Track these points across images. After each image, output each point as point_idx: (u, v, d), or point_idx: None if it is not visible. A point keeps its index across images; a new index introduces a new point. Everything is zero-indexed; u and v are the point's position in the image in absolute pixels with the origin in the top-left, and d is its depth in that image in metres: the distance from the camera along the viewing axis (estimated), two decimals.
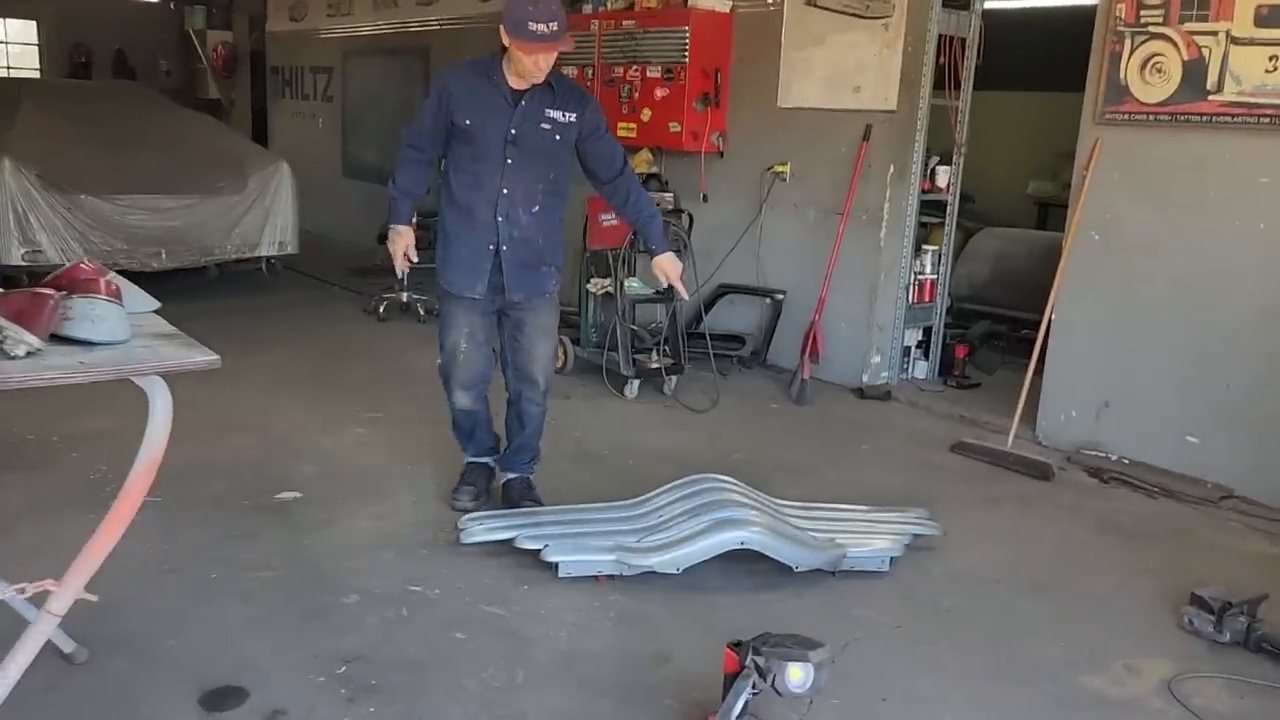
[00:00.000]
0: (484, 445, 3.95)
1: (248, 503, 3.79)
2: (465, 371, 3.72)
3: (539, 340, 3.74)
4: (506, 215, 3.53)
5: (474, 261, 3.57)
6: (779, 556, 3.35)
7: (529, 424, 3.87)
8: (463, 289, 3.60)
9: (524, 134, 3.49)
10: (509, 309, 3.68)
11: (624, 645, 2.96)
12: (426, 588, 3.21)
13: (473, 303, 3.62)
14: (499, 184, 3.50)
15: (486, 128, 3.48)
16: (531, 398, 3.82)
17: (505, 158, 3.49)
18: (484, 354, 3.73)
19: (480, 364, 3.73)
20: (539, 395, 3.82)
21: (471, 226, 3.56)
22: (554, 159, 3.58)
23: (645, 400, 5.50)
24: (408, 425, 4.80)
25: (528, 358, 3.75)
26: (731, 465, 4.50)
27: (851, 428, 5.32)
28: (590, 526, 3.48)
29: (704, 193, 6.64)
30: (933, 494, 4.37)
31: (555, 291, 3.75)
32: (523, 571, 3.33)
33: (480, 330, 3.69)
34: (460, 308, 3.64)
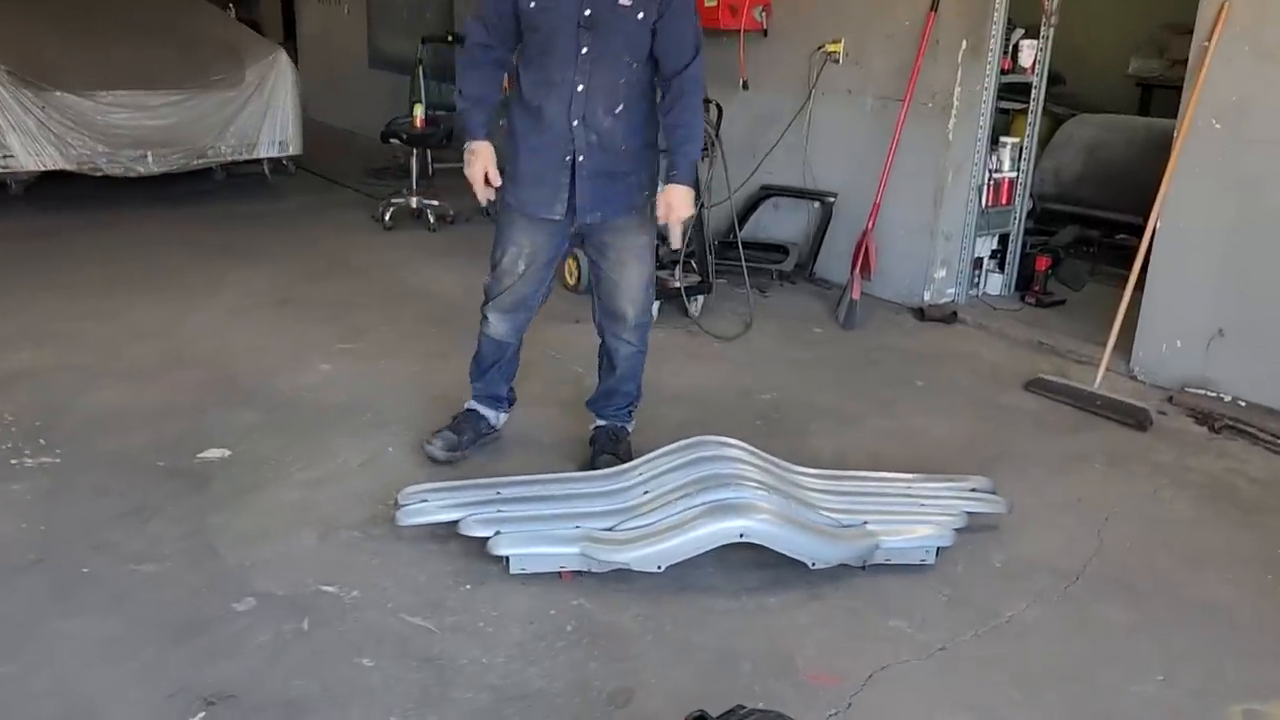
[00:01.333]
0: (493, 390, 3.34)
1: (162, 464, 3.18)
2: (512, 296, 3.12)
3: (626, 267, 3.07)
4: (583, 118, 2.85)
5: (547, 176, 2.93)
6: (790, 551, 2.63)
7: (619, 365, 3.24)
8: (537, 209, 2.97)
9: (600, 12, 2.78)
10: (588, 231, 3.03)
11: (577, 677, 2.29)
12: (343, 588, 2.57)
13: (539, 221, 2.99)
14: (573, 79, 2.83)
15: (555, 8, 2.79)
16: (620, 335, 3.18)
17: (579, 45, 2.80)
18: (539, 279, 3.13)
19: (530, 290, 3.13)
20: (630, 332, 3.17)
21: (542, 133, 2.90)
22: (638, 44, 2.85)
23: (665, 325, 4.73)
24: (385, 360, 4.14)
25: (612, 288, 3.10)
26: (758, 410, 3.77)
27: (907, 359, 4.51)
28: (557, 506, 2.79)
29: (744, 78, 5.72)
30: (999, 448, 3.58)
31: (647, 207, 3.04)
32: (469, 564, 2.67)
33: (544, 252, 3.06)
34: (524, 222, 3.02)
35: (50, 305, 4.60)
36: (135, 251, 5.60)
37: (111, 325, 4.41)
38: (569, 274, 5.22)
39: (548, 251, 3.08)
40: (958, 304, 5.22)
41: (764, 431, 3.65)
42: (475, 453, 3.31)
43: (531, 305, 3.19)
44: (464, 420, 3.32)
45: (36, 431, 3.34)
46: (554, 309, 4.86)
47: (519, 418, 3.54)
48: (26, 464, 3.14)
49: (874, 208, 5.00)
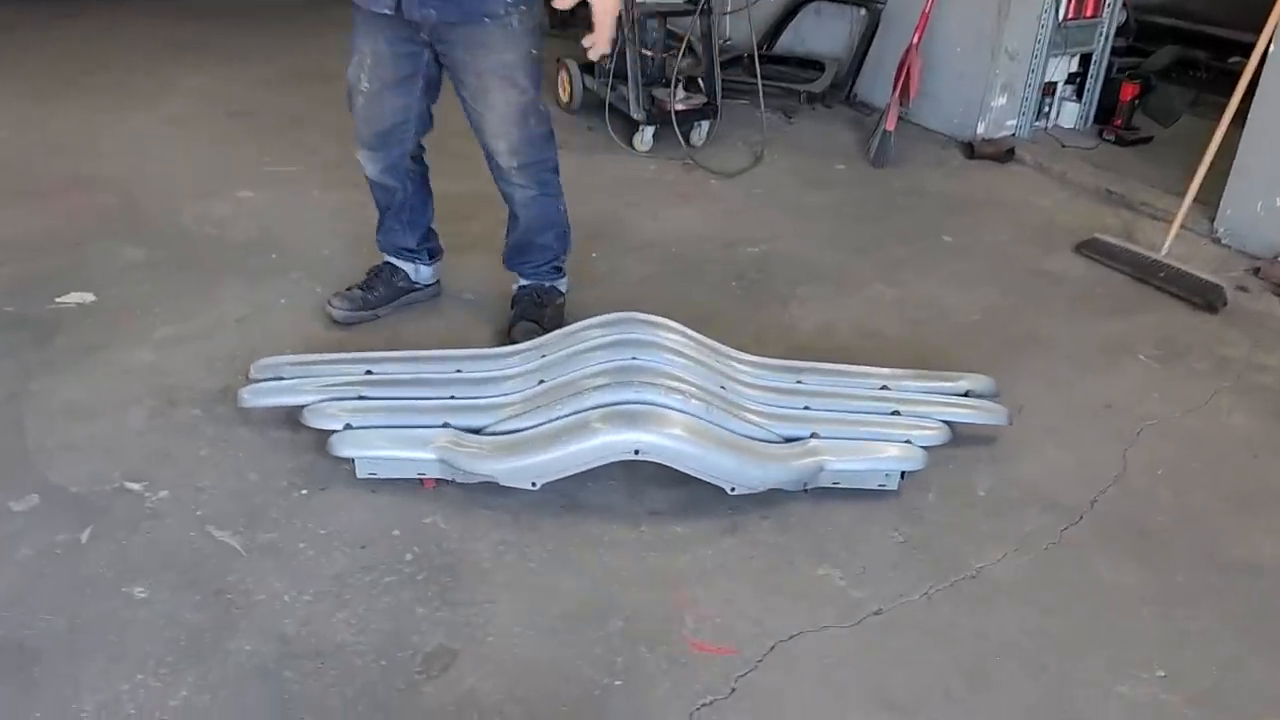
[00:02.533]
0: (397, 242, 2.78)
1: (11, 309, 2.73)
2: (362, 123, 2.51)
3: (490, 94, 2.38)
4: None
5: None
6: (701, 473, 2.07)
7: (519, 213, 2.65)
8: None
9: None
10: (436, 41, 2.35)
11: (393, 629, 1.81)
12: (151, 486, 2.11)
13: (379, 20, 2.31)
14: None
15: None
16: (507, 178, 2.56)
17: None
18: (391, 105, 2.46)
19: (384, 117, 2.48)
20: (516, 174, 2.53)
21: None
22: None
23: (661, 154, 4.05)
24: (319, 190, 3.59)
25: (478, 121, 2.46)
26: (739, 267, 3.17)
27: (940, 206, 3.77)
28: (432, 393, 2.25)
29: None
30: (1023, 329, 2.91)
31: (515, 17, 2.31)
32: (316, 462, 2.18)
33: (386, 65, 2.39)
34: (363, 22, 2.37)
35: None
36: (89, 48, 5.04)
37: (29, 135, 3.93)
38: (562, 89, 4.51)
39: (394, 65, 2.39)
40: (1018, 139, 4.39)
41: (738, 295, 3.04)
42: (397, 315, 2.78)
43: (401, 140, 2.54)
44: (377, 276, 2.78)
45: None
46: None
47: (463, 269, 2.99)
48: None
49: (922, 18, 4.12)
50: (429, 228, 2.82)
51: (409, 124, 2.50)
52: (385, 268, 2.80)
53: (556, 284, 2.78)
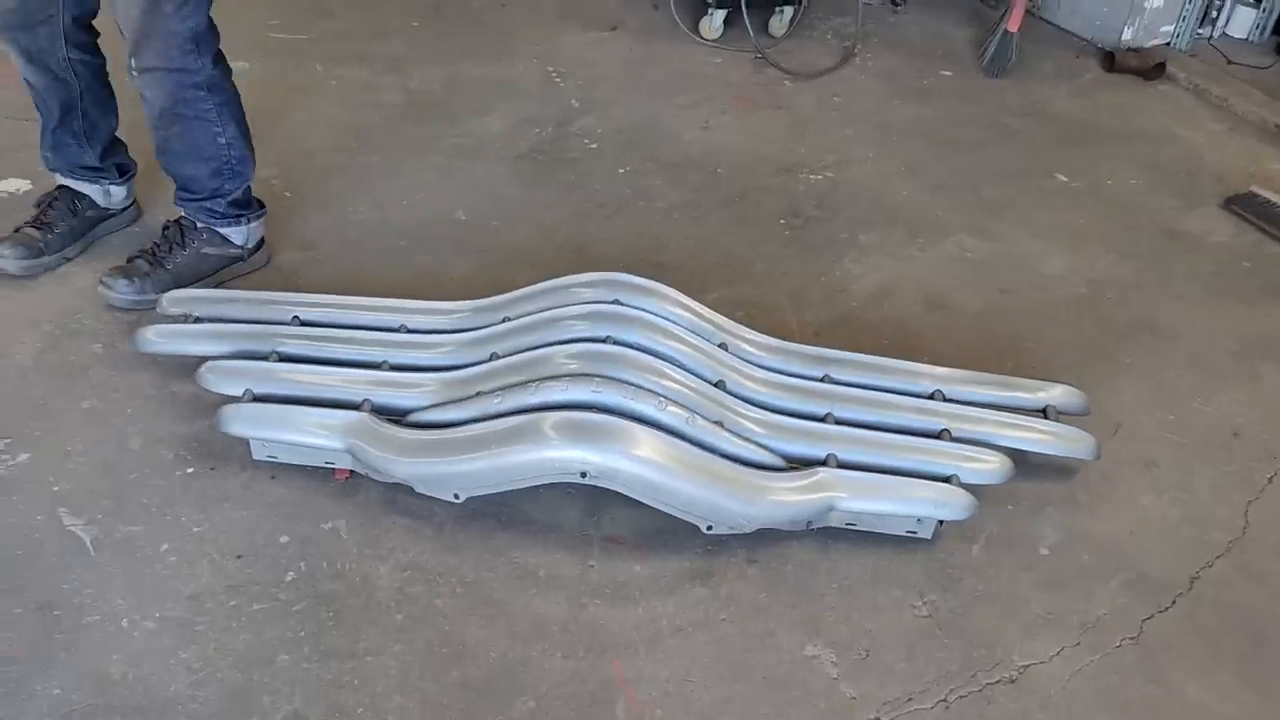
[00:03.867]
0: (74, 160, 2.18)
1: None
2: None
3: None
4: None
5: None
6: (669, 507, 1.60)
7: (154, 133, 2.01)
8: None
9: None
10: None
11: (245, 683, 1.43)
12: (14, 444, 1.75)
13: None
14: None
15: None
16: (135, 82, 1.93)
17: None
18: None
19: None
20: (148, 78, 1.91)
21: None
22: None
23: (731, 45, 3.43)
24: (319, 65, 3.11)
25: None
26: (794, 200, 2.62)
27: (1060, 133, 3.10)
28: (358, 353, 1.82)
29: None
30: (1136, 315, 2.32)
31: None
32: (212, 429, 1.77)
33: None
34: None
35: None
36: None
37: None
38: None
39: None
40: (1173, 50, 3.61)
41: (784, 238, 2.50)
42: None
43: (45, 18, 1.95)
44: (52, 207, 2.18)
45: None
46: (593, 6, 3.64)
47: (441, 173, 2.51)
48: None
49: None
50: (114, 137, 2.23)
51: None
52: (65, 194, 2.21)
53: (219, 229, 2.12)
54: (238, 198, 2.12)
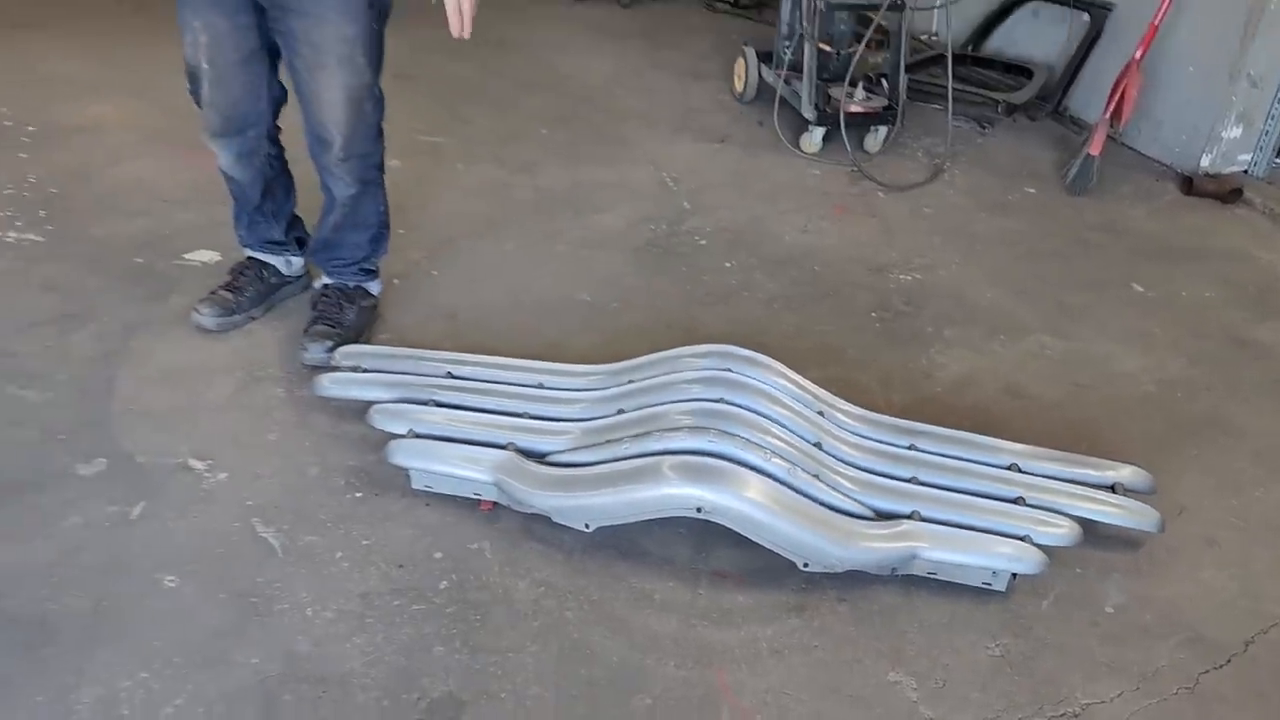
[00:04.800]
0: (264, 236, 2.54)
1: (141, 260, 2.77)
2: (210, 109, 2.25)
3: (326, 71, 2.13)
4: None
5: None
6: (770, 543, 1.84)
7: (335, 208, 2.38)
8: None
9: None
10: (272, 11, 2.13)
11: (406, 665, 1.68)
12: (214, 467, 2.07)
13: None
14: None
15: None
16: (329, 167, 2.30)
17: None
18: (240, 84, 2.21)
19: (235, 97, 2.23)
20: (341, 166, 2.28)
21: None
22: None
23: (828, 160, 3.76)
24: (463, 164, 3.52)
25: (310, 100, 2.19)
26: (884, 297, 2.88)
27: (1139, 248, 3.32)
28: (504, 404, 2.11)
29: None
30: (1205, 412, 2.51)
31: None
32: (377, 463, 2.07)
33: (226, 41, 2.14)
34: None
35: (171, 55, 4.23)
36: None
37: None
38: (737, 77, 4.28)
39: (234, 40, 2.14)
40: (1251, 178, 3.83)
41: (875, 329, 2.75)
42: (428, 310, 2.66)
43: (254, 123, 2.29)
44: (243, 274, 2.53)
45: (45, 201, 3.03)
46: (701, 119, 4.02)
47: (568, 261, 2.85)
48: (8, 239, 2.82)
49: (1150, 30, 3.62)
50: (294, 215, 2.58)
51: (261, 101, 2.27)
52: (252, 264, 2.55)
53: (365, 285, 2.52)
54: (375, 259, 2.50)
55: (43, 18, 4.56)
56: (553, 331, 2.61)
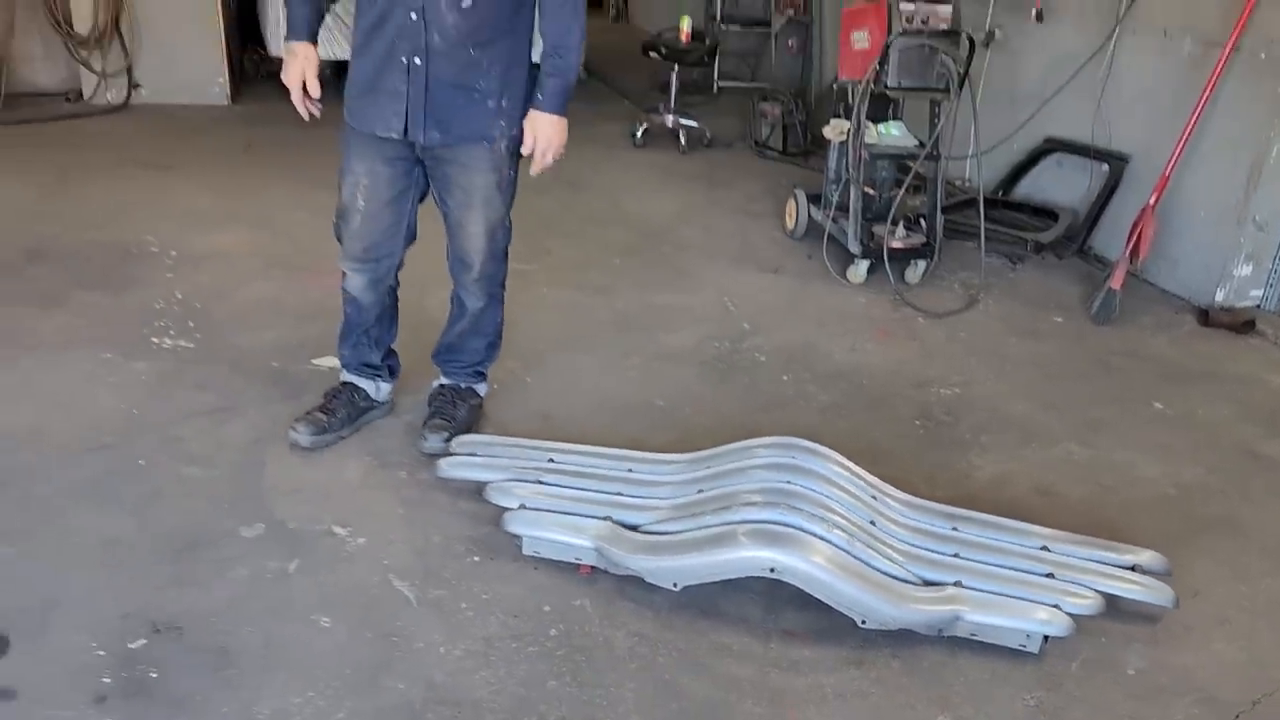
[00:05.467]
0: (363, 359, 2.86)
1: (276, 364, 3.20)
2: (355, 239, 2.64)
3: (472, 209, 2.58)
4: (421, 10, 2.35)
5: (381, 82, 2.44)
6: (833, 601, 2.15)
7: (465, 318, 2.80)
8: (366, 121, 2.52)
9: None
10: (430, 158, 2.57)
11: (525, 696, 2.00)
12: (353, 533, 2.42)
13: (376, 142, 2.52)
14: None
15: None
16: (466, 285, 2.73)
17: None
18: (388, 219, 2.62)
19: (378, 233, 2.62)
20: (476, 284, 2.71)
21: (379, 28, 2.40)
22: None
23: (872, 289, 4.17)
24: (548, 289, 3.95)
25: (457, 230, 2.64)
26: (925, 407, 3.21)
27: (1158, 372, 3.65)
28: (602, 487, 2.46)
29: (1038, 7, 4.85)
30: (1217, 512, 2.79)
31: (504, 141, 2.53)
32: (491, 533, 2.43)
33: (384, 183, 2.56)
34: (359, 146, 2.55)
35: (281, 193, 4.83)
36: None
37: (325, 219, 4.52)
38: (788, 216, 4.74)
39: (391, 183, 2.55)
40: (1262, 311, 4.18)
41: (918, 435, 3.09)
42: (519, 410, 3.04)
43: (390, 254, 2.66)
44: (336, 397, 2.83)
45: (192, 314, 3.49)
46: (757, 252, 4.47)
47: (643, 372, 3.23)
48: (164, 345, 3.27)
49: (1162, 180, 4.06)
50: (391, 347, 2.92)
51: (399, 238, 2.65)
52: (346, 388, 2.85)
53: (475, 387, 2.91)
54: (488, 363, 2.90)
55: (176, 161, 5.19)
56: (633, 430, 2.97)
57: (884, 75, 3.95)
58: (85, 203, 4.52)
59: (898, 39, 3.92)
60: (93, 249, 3.99)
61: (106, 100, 6.23)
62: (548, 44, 2.46)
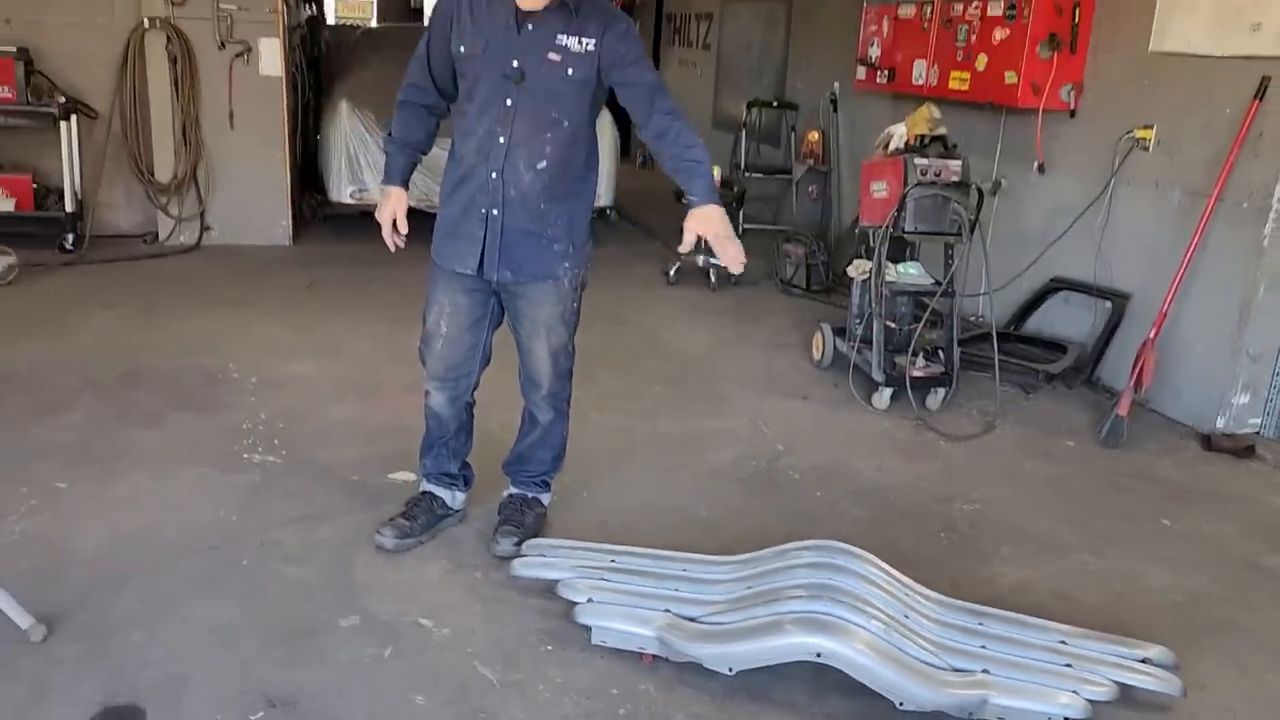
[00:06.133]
0: (442, 468, 3.18)
1: (356, 478, 3.53)
2: (437, 360, 3.02)
3: (538, 336, 2.96)
4: (501, 171, 2.77)
5: (461, 228, 2.86)
6: (874, 684, 2.40)
7: (535, 431, 3.15)
8: (447, 260, 2.93)
9: (528, 66, 2.72)
10: (503, 291, 2.95)
11: None
12: (438, 624, 2.70)
13: (458, 277, 2.91)
14: (496, 130, 2.76)
15: (484, 57, 2.74)
16: (535, 400, 3.09)
17: (504, 96, 2.73)
18: (467, 343, 2.99)
19: (458, 355, 3.00)
20: (544, 400, 3.07)
21: (464, 184, 2.83)
22: (565, 100, 2.76)
23: (896, 414, 4.50)
24: (594, 413, 4.29)
25: (526, 354, 3.02)
26: (949, 521, 3.49)
27: (1165, 492, 3.93)
28: (661, 585, 2.75)
29: (1039, 161, 5.33)
30: (1221, 617, 3.04)
31: (568, 278, 2.92)
32: (561, 625, 2.70)
33: (465, 312, 2.95)
34: (443, 279, 2.95)
35: (344, 325, 5.26)
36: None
37: (385, 348, 4.95)
38: (815, 349, 5.11)
39: (470, 312, 2.95)
40: (1262, 437, 4.46)
41: (944, 546, 3.36)
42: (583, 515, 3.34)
43: (468, 374, 3.03)
44: (417, 505, 3.15)
45: (276, 433, 3.84)
46: (786, 380, 4.82)
47: (687, 486, 3.54)
48: (254, 459, 3.62)
49: (1160, 315, 4.42)
50: (467, 459, 3.23)
51: (476, 360, 3.02)
52: (425, 497, 3.17)
53: (540, 496, 3.21)
54: (553, 474, 3.22)
55: (247, 297, 5.66)
56: (681, 537, 3.25)
57: (902, 221, 4.38)
58: (171, 333, 4.95)
59: (913, 189, 4.36)
60: (182, 374, 4.39)
61: (180, 241, 6.76)
62: (677, 159, 2.76)
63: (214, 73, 6.61)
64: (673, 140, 2.76)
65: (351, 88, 7.10)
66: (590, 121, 2.86)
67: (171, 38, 6.45)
